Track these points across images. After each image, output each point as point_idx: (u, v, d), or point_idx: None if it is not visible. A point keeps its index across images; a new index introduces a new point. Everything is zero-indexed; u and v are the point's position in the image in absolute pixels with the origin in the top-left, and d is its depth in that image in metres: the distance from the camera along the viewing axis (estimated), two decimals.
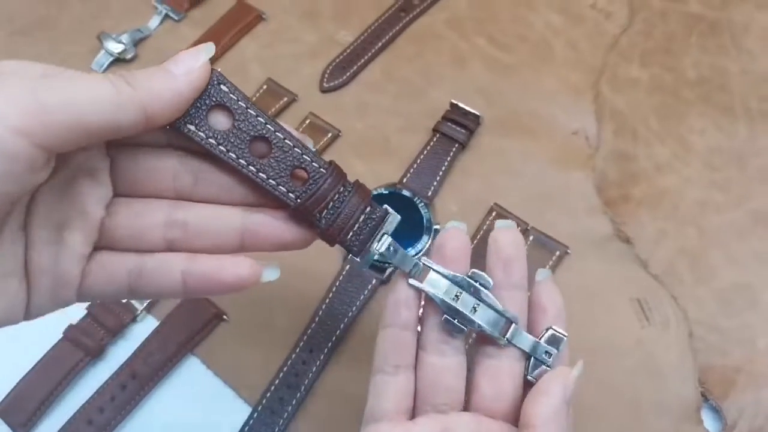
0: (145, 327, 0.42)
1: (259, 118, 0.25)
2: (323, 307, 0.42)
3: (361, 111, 0.49)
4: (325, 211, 0.26)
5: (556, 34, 0.53)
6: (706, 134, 0.48)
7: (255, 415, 0.39)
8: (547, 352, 0.28)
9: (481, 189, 0.46)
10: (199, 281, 0.26)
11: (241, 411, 0.39)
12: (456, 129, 0.47)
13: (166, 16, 0.53)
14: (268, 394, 0.40)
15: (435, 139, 0.47)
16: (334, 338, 0.41)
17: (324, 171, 0.26)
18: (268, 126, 0.26)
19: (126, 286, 0.26)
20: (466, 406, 0.29)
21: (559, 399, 0.26)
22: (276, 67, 0.51)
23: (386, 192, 0.44)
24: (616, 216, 0.45)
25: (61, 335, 0.41)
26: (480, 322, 0.28)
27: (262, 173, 0.26)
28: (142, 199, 0.26)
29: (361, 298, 0.42)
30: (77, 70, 0.22)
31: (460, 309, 0.28)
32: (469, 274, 0.28)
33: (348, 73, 0.51)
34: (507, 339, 0.28)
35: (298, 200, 0.26)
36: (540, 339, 0.28)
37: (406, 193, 0.45)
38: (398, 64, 0.51)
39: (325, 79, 0.51)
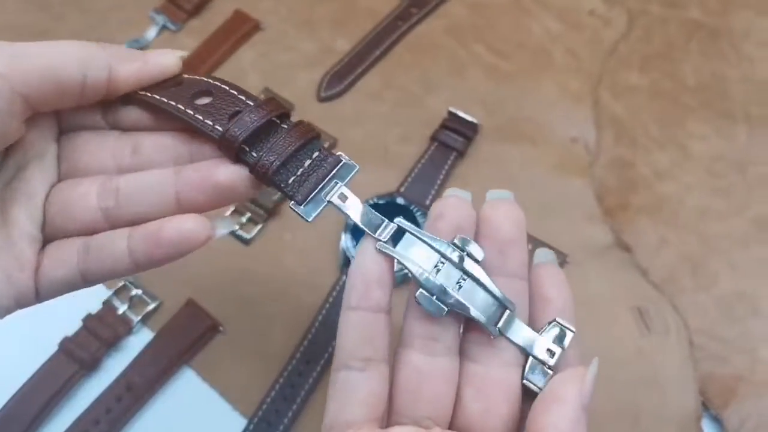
0: (140, 339, 0.41)
1: (203, 79, 0.26)
2: (319, 318, 0.41)
3: (358, 120, 0.49)
4: (255, 146, 0.24)
5: (555, 41, 0.52)
6: (707, 141, 0.47)
7: (251, 427, 0.39)
8: (549, 350, 0.23)
9: (479, 197, 0.46)
10: (144, 247, 0.24)
11: (237, 423, 0.39)
12: (454, 137, 0.47)
13: (164, 26, 0.53)
14: (264, 406, 0.39)
15: (433, 148, 0.47)
16: (330, 350, 0.41)
17: (251, 103, 0.25)
18: (210, 81, 0.26)
19: (76, 270, 0.25)
20: (451, 422, 0.24)
21: (575, 406, 0.22)
22: (273, 76, 0.51)
23: (382, 201, 0.44)
24: (616, 224, 0.44)
25: (56, 347, 0.40)
26: (465, 302, 0.22)
27: (199, 115, 0.25)
28: (80, 178, 0.26)
29: None
30: None
31: (441, 283, 0.22)
32: (456, 240, 0.23)
33: (346, 82, 0.50)
34: (499, 329, 0.23)
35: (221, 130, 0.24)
36: (541, 334, 0.23)
37: (402, 202, 0.44)
38: (396, 72, 0.51)
39: (322, 88, 0.50)
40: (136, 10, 0.54)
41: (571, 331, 0.23)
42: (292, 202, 0.24)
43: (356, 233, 0.43)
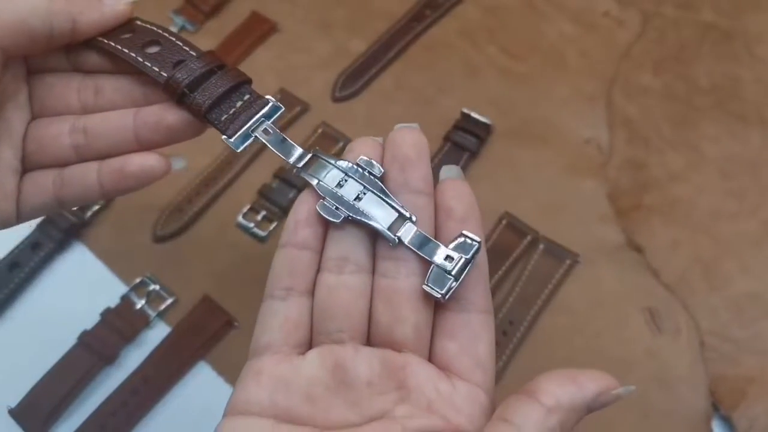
0: (157, 333, 0.42)
1: (154, 28, 0.29)
2: None
3: (372, 120, 0.50)
4: (196, 90, 0.27)
5: (569, 42, 0.53)
6: (720, 142, 0.47)
7: None
8: (448, 256, 0.24)
9: (492, 197, 0.46)
10: (111, 177, 0.28)
11: None
12: (467, 138, 0.47)
13: (183, 27, 0.54)
14: None
15: (446, 148, 0.48)
16: None
17: (194, 54, 0.28)
18: (160, 32, 0.29)
19: (53, 197, 0.28)
20: (368, 339, 0.25)
21: (544, 408, 0.21)
22: (289, 77, 0.52)
23: None
24: (628, 224, 0.45)
25: (76, 341, 0.41)
26: (363, 210, 0.24)
27: (148, 62, 0.28)
28: (52, 117, 0.29)
29: None
30: None
31: (342, 195, 0.25)
32: (358, 160, 0.25)
33: (360, 83, 0.51)
34: (398, 237, 0.24)
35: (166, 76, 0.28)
36: (448, 246, 0.24)
37: None
38: (410, 73, 0.52)
39: (337, 89, 0.51)
40: (156, 12, 0.55)
41: (476, 241, 0.24)
42: (224, 135, 0.28)
43: None
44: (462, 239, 0.24)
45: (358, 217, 0.25)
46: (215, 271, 0.44)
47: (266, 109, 0.28)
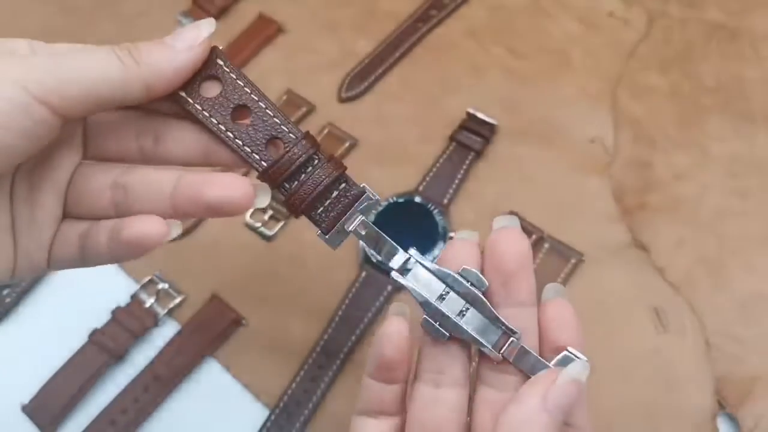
0: (166, 331, 0.43)
1: (245, 89, 0.26)
2: (339, 313, 0.43)
3: (378, 120, 0.50)
4: (292, 179, 0.26)
5: (574, 42, 0.53)
6: (726, 141, 0.47)
7: (272, 417, 0.40)
8: None
9: (497, 197, 0.46)
10: (111, 244, 0.26)
11: (259, 414, 0.40)
12: (472, 138, 0.48)
13: None
14: (285, 398, 0.40)
15: (451, 148, 0.48)
16: (349, 344, 0.42)
17: (293, 137, 0.26)
18: (249, 92, 0.26)
19: (78, 255, 0.26)
20: None
21: (531, 408, 0.22)
22: (296, 78, 0.52)
23: (401, 200, 0.45)
24: (634, 223, 0.45)
25: (87, 338, 0.42)
26: (467, 329, 0.24)
27: (239, 140, 0.26)
28: (100, 165, 0.27)
29: (377, 304, 0.43)
30: None
31: (444, 310, 0.24)
32: (459, 270, 0.25)
33: (366, 83, 0.51)
34: (503, 355, 0.24)
35: (266, 164, 0.25)
36: (551, 363, 0.24)
37: (420, 200, 0.45)
38: (416, 73, 0.52)
39: (343, 89, 0.51)
40: (163, 14, 0.56)
41: (579, 358, 0.24)
42: (319, 231, 0.26)
43: None
44: (565, 355, 0.24)
45: (459, 334, 0.24)
46: (223, 270, 0.45)
47: (362, 200, 0.26)
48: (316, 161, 0.26)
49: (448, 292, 0.25)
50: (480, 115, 0.48)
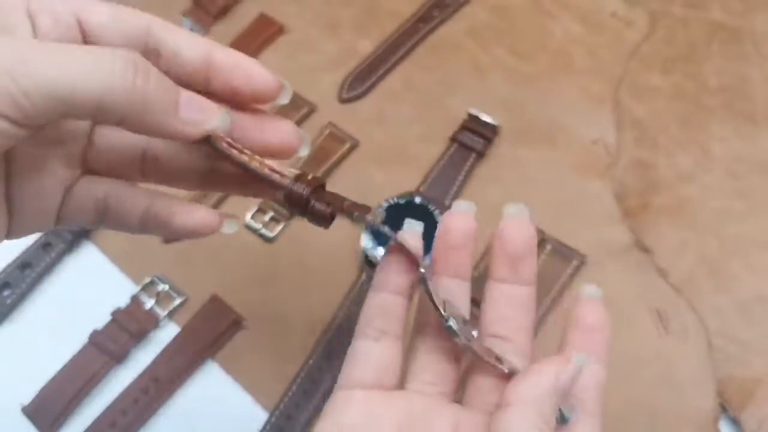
0: (166, 333, 0.43)
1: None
2: (339, 315, 0.42)
3: (380, 120, 0.50)
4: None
5: (576, 43, 0.53)
6: (728, 142, 0.47)
7: (272, 420, 0.40)
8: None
9: (499, 198, 0.46)
10: (164, 226, 0.26)
11: (259, 416, 0.40)
12: (474, 138, 0.47)
13: (190, 29, 0.55)
14: (285, 400, 0.40)
15: (453, 149, 0.48)
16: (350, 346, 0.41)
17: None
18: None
19: (94, 220, 0.26)
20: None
21: (547, 382, 0.23)
22: (296, 78, 0.52)
23: (402, 201, 0.45)
24: (636, 225, 0.45)
25: (87, 340, 0.42)
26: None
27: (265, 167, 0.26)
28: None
29: None
30: None
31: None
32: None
33: (367, 84, 0.51)
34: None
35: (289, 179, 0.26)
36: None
37: (421, 201, 0.45)
38: (417, 73, 0.52)
39: (344, 90, 0.51)
40: (163, 14, 0.55)
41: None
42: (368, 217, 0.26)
43: (375, 234, 0.43)
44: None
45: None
46: (224, 272, 0.45)
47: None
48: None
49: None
50: (482, 116, 0.48)
